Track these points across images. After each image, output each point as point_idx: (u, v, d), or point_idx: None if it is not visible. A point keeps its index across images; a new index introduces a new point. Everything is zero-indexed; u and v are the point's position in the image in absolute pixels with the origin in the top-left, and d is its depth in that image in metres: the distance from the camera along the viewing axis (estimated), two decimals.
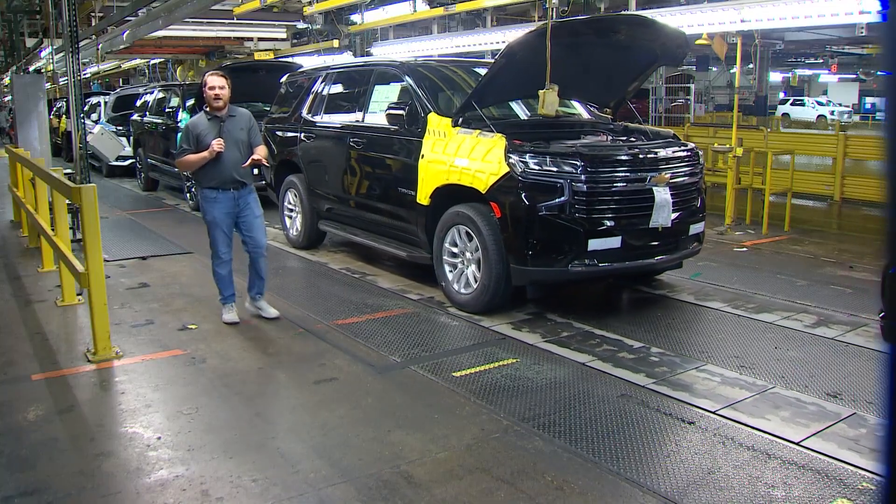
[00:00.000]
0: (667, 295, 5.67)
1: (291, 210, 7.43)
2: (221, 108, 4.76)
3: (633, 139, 5.61)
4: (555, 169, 4.70)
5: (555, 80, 5.54)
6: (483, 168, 4.91)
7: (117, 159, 12.96)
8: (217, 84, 4.72)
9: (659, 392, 3.77)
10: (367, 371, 4.10)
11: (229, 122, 4.76)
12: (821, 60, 34.09)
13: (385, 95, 6.37)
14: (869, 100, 38.91)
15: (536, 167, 4.72)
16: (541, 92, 5.21)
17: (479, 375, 4.03)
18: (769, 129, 15.30)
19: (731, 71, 30.46)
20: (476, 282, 5.06)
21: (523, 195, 4.69)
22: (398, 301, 5.55)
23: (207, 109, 4.79)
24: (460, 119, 5.35)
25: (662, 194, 4.86)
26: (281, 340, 4.62)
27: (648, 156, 5.06)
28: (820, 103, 34.42)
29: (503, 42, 12.75)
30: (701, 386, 3.87)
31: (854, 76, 38.73)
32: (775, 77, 39.30)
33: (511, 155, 4.76)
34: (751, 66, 27.74)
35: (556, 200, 4.65)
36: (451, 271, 5.31)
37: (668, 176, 4.98)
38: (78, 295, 5.39)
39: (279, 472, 2.97)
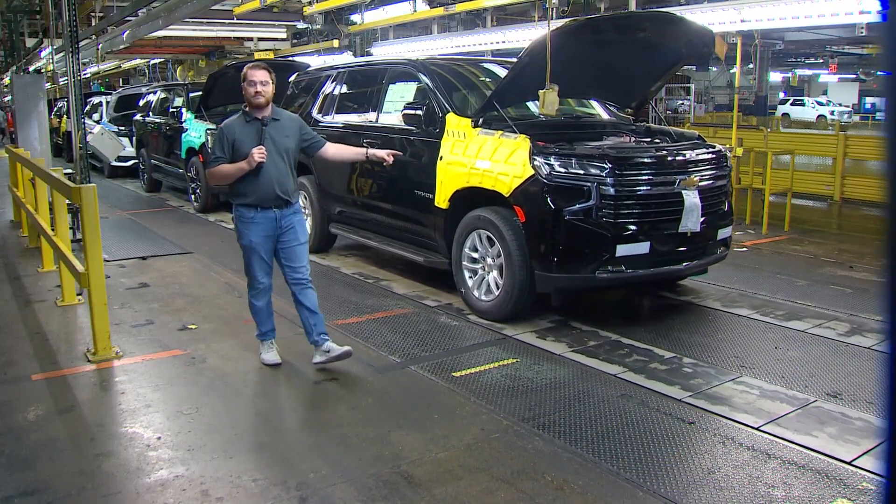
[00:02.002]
0: (692, 301, 5.50)
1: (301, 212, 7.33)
2: (263, 107, 3.95)
3: (657, 140, 5.44)
4: (581, 171, 4.54)
5: (575, 78, 5.39)
6: (506, 170, 4.75)
7: (119, 160, 12.93)
8: (259, 78, 3.90)
9: (697, 406, 3.60)
10: (367, 371, 4.09)
11: (272, 126, 3.98)
12: (821, 60, 34.09)
13: (400, 95, 6.19)
14: (869, 100, 38.93)
15: (562, 170, 4.55)
16: (541, 92, 5.09)
17: (479, 375, 4.03)
18: (769, 129, 15.32)
19: (731, 71, 30.47)
20: (498, 288, 4.88)
21: (549, 199, 4.53)
22: (404, 303, 5.54)
23: (246, 109, 4.01)
24: (480, 119, 5.20)
25: (692, 198, 4.70)
26: (281, 340, 4.61)
27: (677, 158, 4.90)
28: (820, 103, 34.45)
29: (503, 42, 12.74)
30: (740, 399, 3.71)
31: (854, 76, 38.75)
32: (775, 77, 39.33)
33: (536, 157, 4.59)
34: (751, 66, 27.75)
35: (584, 204, 4.49)
36: (470, 277, 5.14)
37: (697, 179, 4.81)
38: (78, 295, 5.39)
39: (279, 472, 2.97)
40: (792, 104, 34.76)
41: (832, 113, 32.50)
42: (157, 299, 5.58)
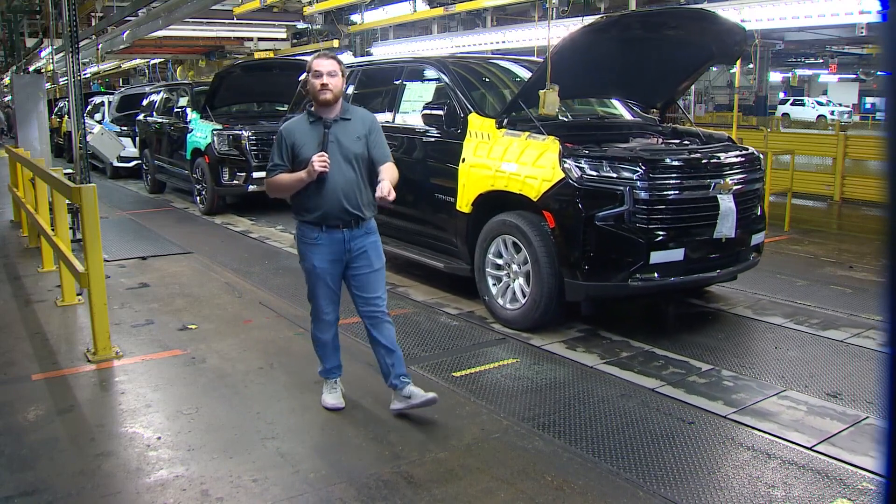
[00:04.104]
0: (722, 309, 5.32)
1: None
2: (330, 103, 3.33)
3: (686, 142, 5.24)
4: (614, 175, 4.35)
5: (600, 77, 5.26)
6: (534, 173, 4.57)
7: (121, 160, 12.86)
8: (326, 69, 3.31)
9: (742, 423, 3.45)
10: (367, 371, 4.09)
11: (338, 127, 3.34)
12: (821, 60, 34.12)
13: (418, 94, 6.01)
14: (869, 100, 38.96)
15: (594, 173, 4.37)
16: (541, 92, 4.94)
17: (479, 375, 4.03)
18: (769, 129, 15.33)
19: (731, 71, 30.48)
20: (524, 296, 4.69)
21: (580, 203, 4.35)
22: (404, 304, 5.54)
23: (311, 108, 3.44)
24: (505, 120, 5.02)
25: (727, 202, 4.53)
26: (281, 340, 4.62)
27: (711, 161, 4.71)
28: (820, 103, 34.48)
29: (503, 42, 12.74)
30: (787, 416, 3.52)
31: (854, 76, 38.77)
32: (775, 77, 39.35)
33: (566, 159, 4.41)
34: (751, 66, 27.77)
35: (616, 209, 4.31)
36: (494, 285, 4.95)
37: (731, 182, 4.64)
38: (78, 295, 5.39)
39: (279, 472, 2.97)
40: (792, 104, 34.80)
41: (832, 113, 32.52)
42: (157, 299, 5.58)
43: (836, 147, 10.80)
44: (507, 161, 4.81)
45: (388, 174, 3.34)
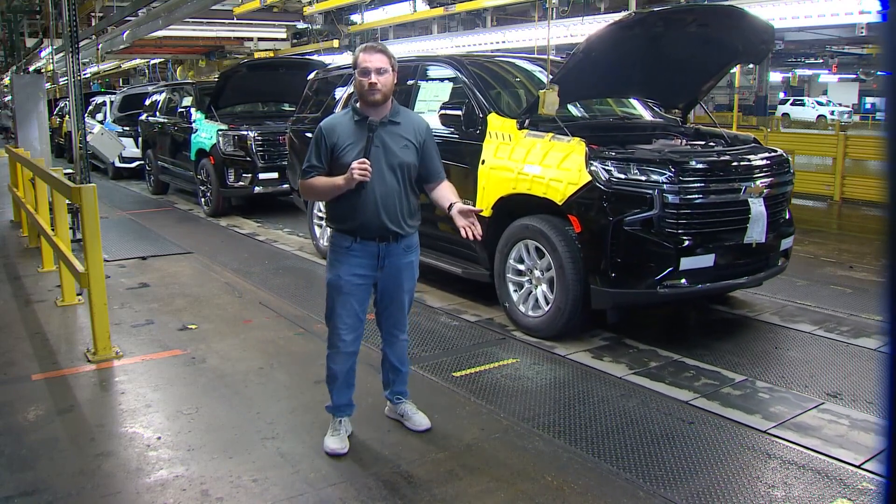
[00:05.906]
0: (748, 316, 5.17)
1: (322, 219, 6.90)
2: (379, 104, 3.01)
3: (711, 144, 5.08)
4: (643, 178, 4.19)
5: (624, 77, 5.18)
6: (559, 176, 4.42)
7: (123, 160, 12.80)
8: (374, 64, 2.96)
9: (783, 438, 3.29)
10: (366, 371, 4.08)
11: (386, 130, 3.02)
12: (821, 60, 34.12)
13: (433, 94, 5.84)
14: (869, 100, 38.98)
15: (622, 175, 4.20)
16: (541, 92, 4.84)
17: (479, 375, 4.03)
18: (769, 129, 15.33)
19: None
20: (548, 304, 4.55)
21: (607, 207, 4.19)
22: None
23: (357, 105, 3.09)
24: (527, 121, 4.87)
25: (758, 206, 4.40)
26: (281, 340, 4.62)
27: (742, 163, 4.58)
28: (820, 103, 34.50)
29: (503, 42, 12.74)
30: (830, 431, 3.37)
31: (854, 76, 38.78)
32: (775, 77, 39.34)
33: (593, 162, 4.25)
34: (751, 65, 27.74)
35: (645, 213, 4.16)
36: (515, 291, 4.79)
37: (762, 185, 4.49)
38: (78, 295, 5.39)
39: (279, 472, 2.97)
40: (792, 104, 34.82)
41: (832, 113, 32.54)
42: (157, 299, 5.58)
43: (836, 147, 10.82)
44: (529, 163, 4.66)
45: (446, 190, 3.12)
